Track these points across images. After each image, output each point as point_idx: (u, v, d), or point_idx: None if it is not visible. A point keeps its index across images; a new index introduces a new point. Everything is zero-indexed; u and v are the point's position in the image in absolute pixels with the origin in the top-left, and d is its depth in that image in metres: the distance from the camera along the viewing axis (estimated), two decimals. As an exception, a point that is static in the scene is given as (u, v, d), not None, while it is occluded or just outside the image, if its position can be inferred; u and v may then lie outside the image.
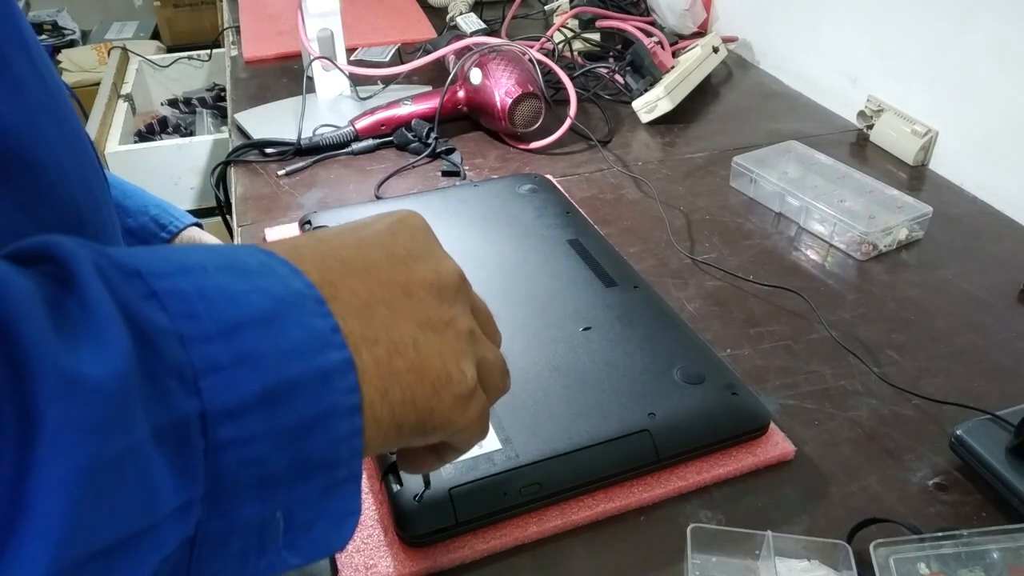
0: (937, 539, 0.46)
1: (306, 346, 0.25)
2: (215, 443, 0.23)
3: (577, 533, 0.50)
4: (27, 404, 0.18)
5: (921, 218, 0.79)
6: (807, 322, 0.68)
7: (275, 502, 0.25)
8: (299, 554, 0.27)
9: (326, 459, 0.26)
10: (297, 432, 0.25)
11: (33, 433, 0.18)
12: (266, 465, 0.24)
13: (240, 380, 0.23)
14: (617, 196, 0.87)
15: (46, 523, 0.18)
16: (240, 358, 0.23)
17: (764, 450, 0.55)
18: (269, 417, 0.24)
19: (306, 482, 0.25)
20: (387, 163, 0.93)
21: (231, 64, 1.23)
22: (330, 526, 0.27)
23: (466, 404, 0.32)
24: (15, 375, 0.18)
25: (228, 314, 0.24)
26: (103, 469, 0.20)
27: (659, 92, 1.01)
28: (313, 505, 0.26)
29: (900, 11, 0.95)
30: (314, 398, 0.25)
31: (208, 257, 0.25)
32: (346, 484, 0.27)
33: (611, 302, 0.64)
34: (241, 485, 0.24)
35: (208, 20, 2.73)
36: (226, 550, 0.25)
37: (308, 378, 0.25)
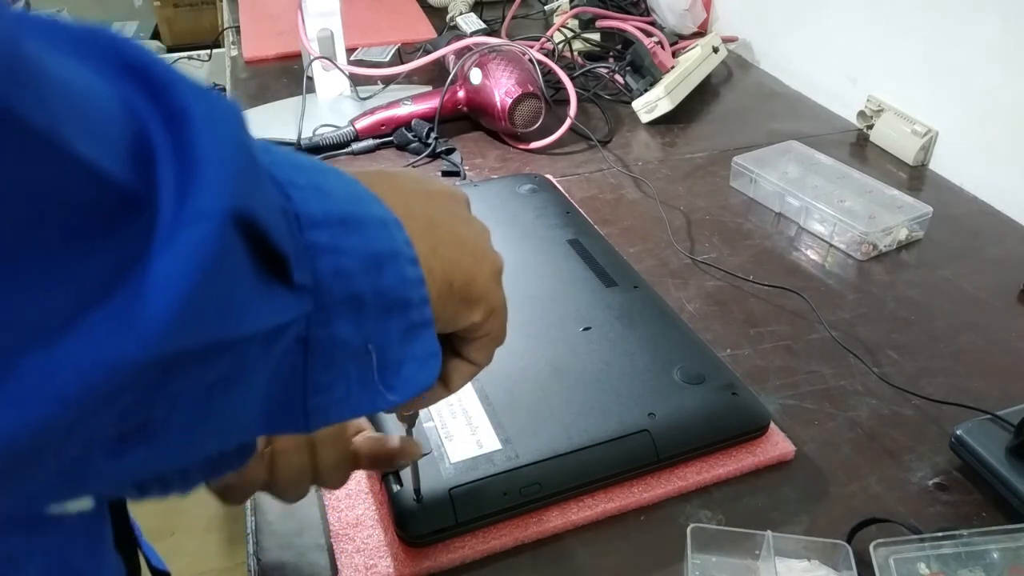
0: (937, 539, 0.46)
1: (355, 197, 0.28)
2: (311, 244, 0.25)
3: (577, 533, 0.50)
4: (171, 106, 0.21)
5: (921, 218, 0.79)
6: (807, 322, 0.68)
7: (366, 329, 0.28)
8: (394, 391, 0.30)
9: (400, 297, 0.29)
10: (373, 260, 0.27)
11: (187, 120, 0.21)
12: (354, 282, 0.27)
13: (316, 199, 0.26)
14: (617, 196, 0.87)
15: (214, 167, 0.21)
16: (312, 186, 0.26)
17: (764, 450, 0.55)
18: (348, 236, 0.27)
19: (389, 317, 0.28)
20: (387, 163, 0.93)
21: (231, 64, 1.23)
22: (416, 366, 0.30)
23: (499, 281, 0.36)
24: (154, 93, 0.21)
25: (295, 160, 0.27)
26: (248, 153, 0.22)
27: (659, 92, 1.01)
28: (398, 344, 0.29)
29: (900, 11, 0.95)
30: (380, 236, 0.28)
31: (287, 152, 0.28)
32: (422, 328, 0.30)
33: (611, 302, 0.64)
34: (336, 297, 0.26)
35: (208, 20, 2.73)
36: (333, 366, 0.27)
37: (370, 219, 0.28)
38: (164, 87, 0.21)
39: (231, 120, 0.23)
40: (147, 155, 0.20)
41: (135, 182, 0.20)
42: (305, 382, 0.27)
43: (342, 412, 0.29)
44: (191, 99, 0.21)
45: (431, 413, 0.53)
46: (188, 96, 0.21)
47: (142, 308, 0.19)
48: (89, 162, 0.19)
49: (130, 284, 0.20)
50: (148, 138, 0.21)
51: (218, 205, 0.21)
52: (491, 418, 0.53)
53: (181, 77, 0.22)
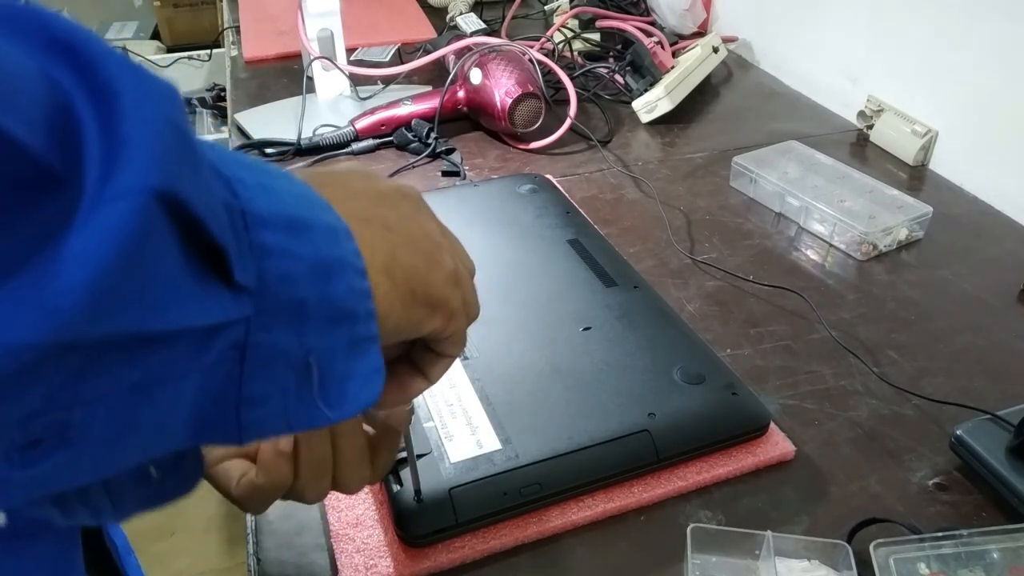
0: (937, 539, 0.46)
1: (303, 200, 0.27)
2: (257, 244, 0.24)
3: (577, 533, 0.50)
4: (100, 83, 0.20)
5: (921, 218, 0.79)
6: (807, 322, 0.68)
7: (307, 339, 0.27)
8: (333, 406, 0.29)
9: (347, 310, 0.28)
10: (321, 267, 0.27)
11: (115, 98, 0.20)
12: (300, 288, 0.26)
13: (262, 198, 0.25)
14: (617, 196, 0.87)
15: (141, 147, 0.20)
16: (260, 185, 0.25)
17: (764, 450, 0.55)
18: (296, 240, 0.26)
19: (334, 329, 0.27)
20: (387, 163, 0.93)
21: (231, 64, 1.23)
22: (360, 383, 0.29)
23: (455, 284, 0.35)
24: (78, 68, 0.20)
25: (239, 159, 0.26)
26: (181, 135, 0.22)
27: (659, 92, 1.01)
28: (342, 358, 0.28)
29: (900, 11, 0.95)
30: (328, 243, 0.27)
31: None
32: (368, 343, 0.29)
33: (611, 302, 0.64)
34: (280, 302, 0.25)
35: (208, 20, 2.73)
36: (270, 377, 0.26)
37: (319, 226, 0.27)
38: (91, 62, 0.20)
39: (162, 98, 0.22)
40: (72, 131, 0.20)
41: (54, 157, 0.19)
42: (239, 392, 0.26)
43: (277, 426, 0.27)
44: (119, 75, 0.21)
45: (431, 413, 0.53)
46: (116, 72, 0.21)
47: (52, 286, 0.18)
48: (18, 143, 0.18)
49: (41, 261, 0.18)
50: (73, 114, 0.20)
51: (141, 182, 0.20)
52: (491, 418, 0.53)
53: (110, 52, 0.21)
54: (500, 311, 0.63)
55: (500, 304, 0.63)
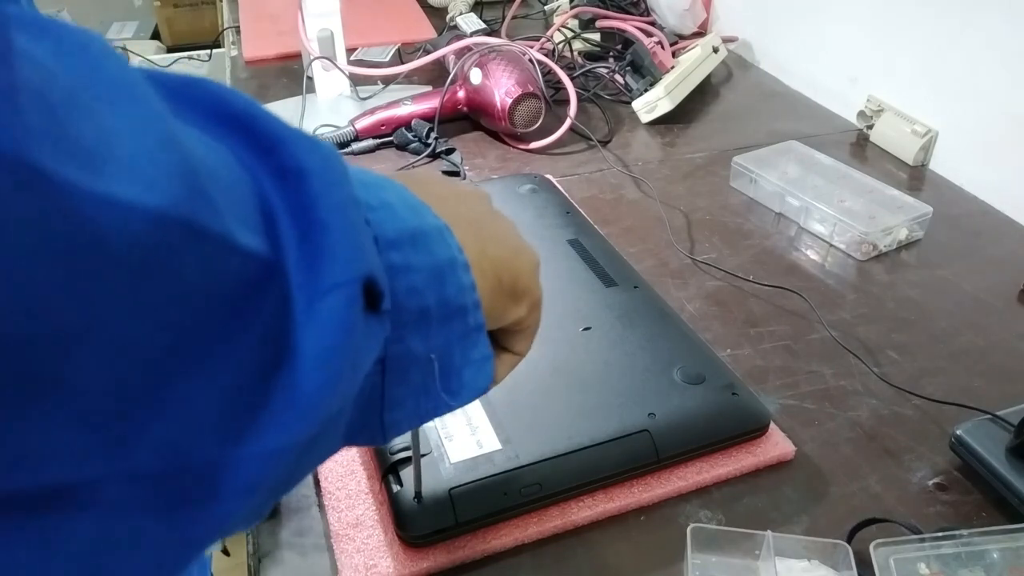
0: (937, 539, 0.46)
1: (413, 209, 0.29)
2: (388, 265, 0.26)
3: (577, 533, 0.50)
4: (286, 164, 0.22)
5: (921, 218, 0.79)
6: (807, 322, 0.68)
7: (431, 340, 0.29)
8: (455, 396, 0.31)
9: (459, 304, 0.30)
10: (437, 272, 0.28)
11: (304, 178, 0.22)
12: (423, 297, 0.28)
13: (389, 219, 0.27)
14: (617, 196, 0.87)
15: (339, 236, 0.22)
16: (382, 204, 0.27)
17: (764, 450, 0.55)
18: (416, 253, 0.27)
19: (450, 325, 0.29)
20: (387, 163, 0.93)
21: (231, 64, 1.23)
22: (474, 370, 0.32)
23: (538, 273, 0.36)
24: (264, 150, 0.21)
25: (358, 176, 0.27)
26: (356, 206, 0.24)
27: (659, 92, 1.01)
28: (457, 351, 0.31)
29: (900, 11, 0.95)
30: (440, 247, 0.29)
31: None
32: (476, 333, 0.31)
33: (611, 302, 0.64)
34: (409, 313, 0.27)
35: (208, 20, 2.73)
36: (406, 381, 0.29)
37: (430, 230, 0.29)
38: (274, 143, 0.21)
39: (343, 174, 0.23)
40: (270, 218, 0.21)
41: (266, 249, 0.20)
42: (383, 400, 0.28)
43: (412, 422, 0.30)
44: (304, 155, 0.22)
45: (431, 413, 0.53)
46: (301, 152, 0.22)
47: (301, 388, 0.20)
48: (244, 246, 0.19)
49: (284, 366, 0.20)
50: (267, 199, 0.21)
51: (350, 274, 0.22)
52: (491, 418, 0.53)
53: (289, 130, 0.22)
54: (500, 311, 0.62)
55: (500, 304, 0.63)
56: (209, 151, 0.20)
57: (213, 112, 0.21)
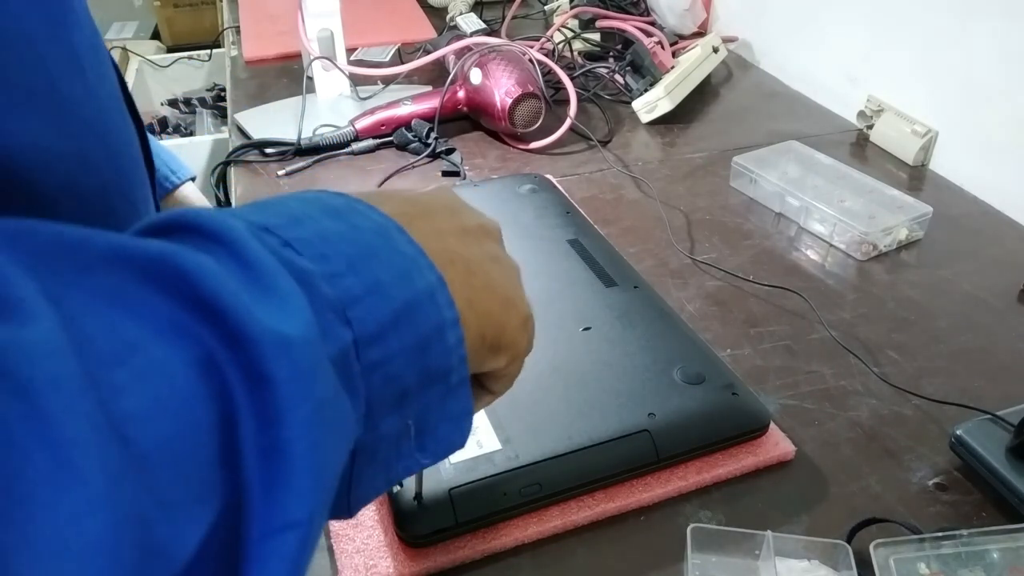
0: (937, 539, 0.46)
1: (408, 270, 0.28)
2: (366, 366, 0.25)
3: (577, 533, 0.50)
4: (254, 368, 0.21)
5: (921, 218, 0.79)
6: (807, 322, 0.68)
7: (408, 413, 0.28)
8: (429, 455, 0.31)
9: (442, 368, 0.29)
10: (420, 347, 0.27)
11: (270, 390, 0.21)
12: (402, 380, 0.27)
13: (375, 307, 0.26)
14: (617, 196, 0.87)
15: (302, 465, 0.21)
16: (369, 288, 0.26)
17: (764, 450, 0.55)
18: (400, 337, 0.27)
19: (429, 391, 0.29)
20: (387, 163, 0.93)
21: (231, 64, 1.23)
22: (451, 427, 0.31)
23: (526, 328, 0.35)
24: (234, 345, 0.20)
25: (347, 252, 0.26)
26: (327, 409, 0.23)
27: (659, 92, 1.01)
28: (436, 410, 0.30)
29: (900, 11, 0.95)
30: (428, 314, 0.28)
31: (302, 206, 0.27)
32: (459, 388, 0.30)
33: (611, 302, 0.64)
34: (385, 401, 0.27)
35: (208, 20, 2.72)
36: (375, 461, 0.28)
37: (421, 297, 0.28)
38: (245, 342, 0.21)
39: (315, 373, 0.22)
40: (232, 445, 0.20)
41: (228, 493, 0.20)
42: (350, 482, 0.28)
43: (380, 489, 0.30)
44: (273, 361, 0.21)
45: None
46: (270, 356, 0.21)
47: None
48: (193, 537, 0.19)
49: None
50: (232, 416, 0.20)
51: (307, 510, 0.21)
52: (491, 418, 0.53)
53: (261, 326, 0.21)
54: (500, 311, 0.62)
55: (500, 304, 0.63)
56: (165, 386, 0.19)
57: (184, 297, 0.20)
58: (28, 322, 0.17)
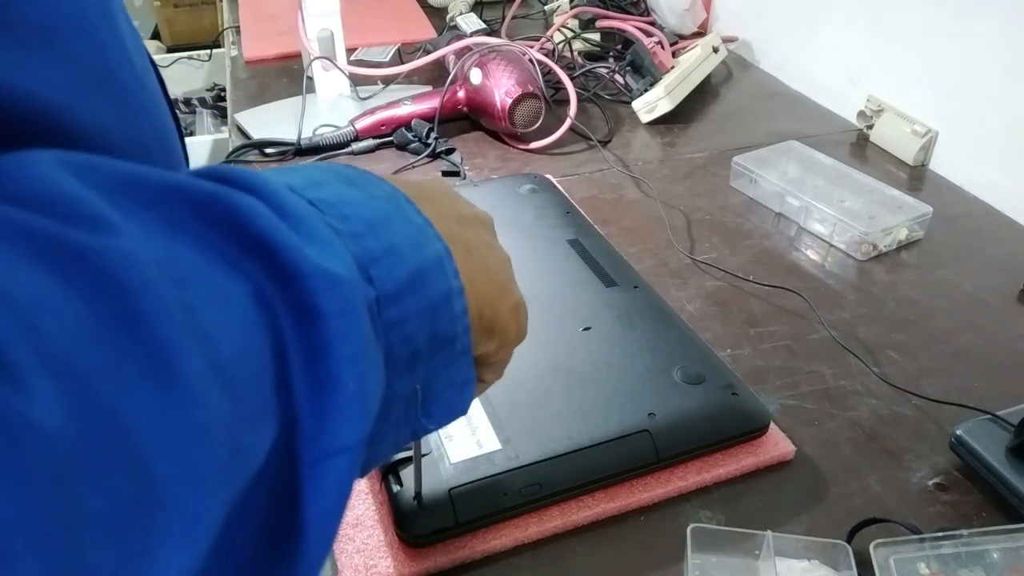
0: (937, 539, 0.46)
1: (419, 237, 0.29)
2: (386, 323, 0.26)
3: (577, 533, 0.50)
4: (305, 303, 0.22)
5: (921, 218, 0.79)
6: (807, 322, 0.68)
7: (417, 376, 0.29)
8: (433, 420, 0.31)
9: (449, 334, 0.30)
10: (431, 311, 0.28)
11: (321, 323, 0.22)
12: (415, 342, 0.28)
13: (393, 268, 0.27)
14: (617, 196, 0.87)
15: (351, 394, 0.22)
16: (387, 250, 0.27)
17: (764, 450, 0.55)
18: (416, 298, 0.28)
19: (437, 356, 0.29)
20: (387, 163, 0.93)
21: (231, 64, 1.23)
22: (455, 394, 0.32)
23: (517, 314, 0.36)
24: (285, 281, 0.21)
25: (364, 215, 0.27)
26: (369, 346, 0.24)
27: (659, 92, 1.01)
28: (442, 377, 0.30)
29: (900, 11, 0.95)
30: (437, 281, 0.29)
31: (320, 173, 0.28)
32: (462, 356, 0.31)
33: (611, 302, 0.64)
34: (400, 360, 0.27)
35: (208, 20, 2.72)
36: (387, 421, 0.28)
37: (431, 264, 0.29)
38: (294, 276, 0.22)
39: (360, 314, 0.24)
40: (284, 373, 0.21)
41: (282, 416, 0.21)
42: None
43: (388, 453, 0.31)
44: (322, 295, 0.22)
45: (431, 413, 0.53)
46: (319, 290, 0.22)
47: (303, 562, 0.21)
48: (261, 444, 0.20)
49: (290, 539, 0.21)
50: (283, 348, 0.21)
51: (357, 436, 0.22)
52: (491, 418, 0.53)
53: (310, 262, 0.22)
54: (500, 311, 0.62)
55: (500, 304, 0.63)
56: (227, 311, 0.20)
57: (237, 234, 0.21)
58: (116, 233, 0.18)
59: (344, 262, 0.24)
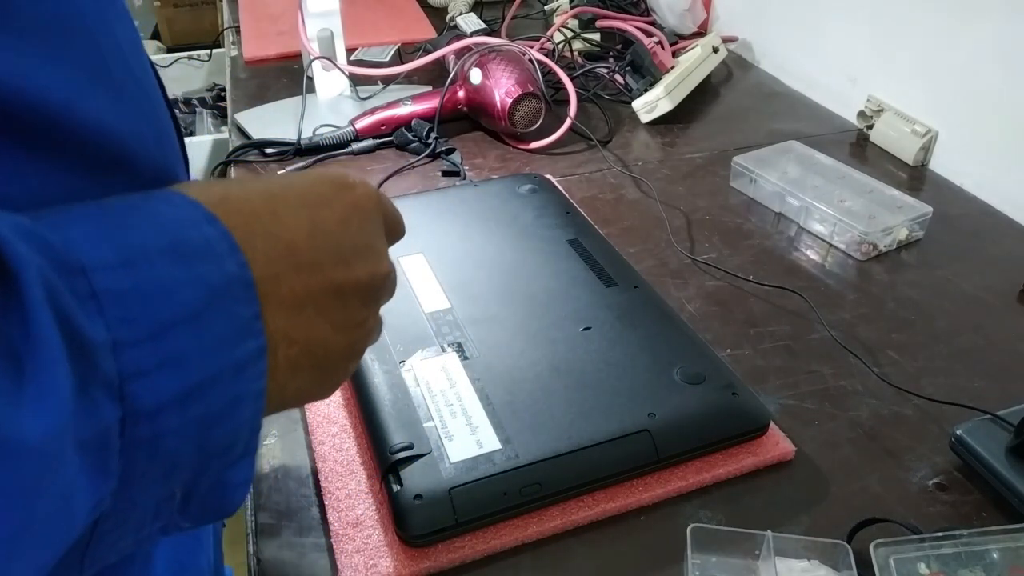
0: (937, 539, 0.46)
1: (228, 338, 0.26)
2: (131, 442, 0.23)
3: (577, 533, 0.50)
4: None
5: (921, 218, 0.79)
6: (807, 322, 0.68)
7: (175, 483, 0.26)
8: (191, 520, 0.28)
9: (227, 442, 0.26)
10: (207, 422, 0.25)
11: None
12: (174, 455, 0.25)
13: (163, 383, 0.23)
14: (617, 196, 0.87)
15: None
16: (165, 360, 0.24)
17: (764, 450, 0.55)
18: (183, 413, 0.24)
19: (208, 463, 0.26)
20: (387, 163, 0.93)
21: (231, 64, 1.23)
22: (223, 495, 0.28)
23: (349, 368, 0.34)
24: None
25: (161, 313, 0.24)
26: (29, 525, 0.20)
27: (659, 92, 1.01)
28: (210, 480, 0.27)
29: (900, 11, 0.95)
30: (227, 389, 0.26)
31: (153, 235, 0.25)
32: (242, 459, 0.28)
33: (611, 302, 0.64)
34: (148, 474, 0.24)
35: (208, 20, 2.73)
36: (124, 524, 0.25)
37: (225, 371, 0.25)
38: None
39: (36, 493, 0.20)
40: None
41: None
42: (88, 545, 0.24)
43: (125, 550, 0.26)
44: None
45: (431, 413, 0.53)
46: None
47: None
48: None
49: None
50: None
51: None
52: (491, 418, 0.53)
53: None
54: (500, 311, 0.63)
55: (500, 304, 0.63)
56: None
57: None
58: None
59: (51, 417, 0.20)
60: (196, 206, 0.27)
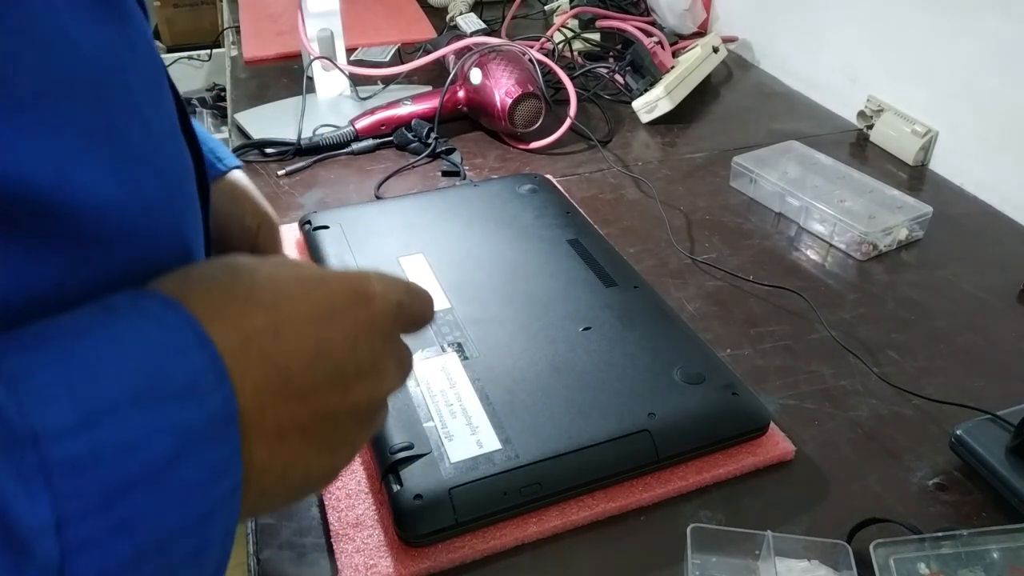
0: (937, 539, 0.46)
1: (198, 485, 0.24)
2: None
3: (577, 533, 0.50)
4: None
5: (921, 218, 0.79)
6: (807, 322, 0.68)
7: None
8: None
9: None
10: (167, 572, 0.23)
11: None
12: None
13: (112, 549, 0.22)
14: (617, 196, 0.87)
15: None
16: (119, 526, 0.22)
17: (764, 450, 0.55)
18: (136, 571, 0.22)
19: None
20: (387, 163, 0.93)
21: (231, 64, 1.23)
22: None
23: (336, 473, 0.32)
24: None
25: (120, 476, 0.22)
26: None
27: (659, 92, 1.01)
28: None
29: (900, 11, 0.95)
30: (191, 539, 0.24)
31: (129, 376, 0.23)
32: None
33: (611, 302, 0.64)
34: None
35: (208, 20, 2.72)
36: None
37: (190, 523, 0.24)
38: None
39: None
40: None
41: None
42: None
43: None
44: None
45: (431, 413, 0.53)
46: None
47: None
48: None
49: None
50: None
51: None
52: (491, 418, 0.53)
53: None
54: (500, 311, 0.63)
55: (500, 304, 0.63)
56: None
57: None
58: None
59: None
60: (189, 325, 0.25)
